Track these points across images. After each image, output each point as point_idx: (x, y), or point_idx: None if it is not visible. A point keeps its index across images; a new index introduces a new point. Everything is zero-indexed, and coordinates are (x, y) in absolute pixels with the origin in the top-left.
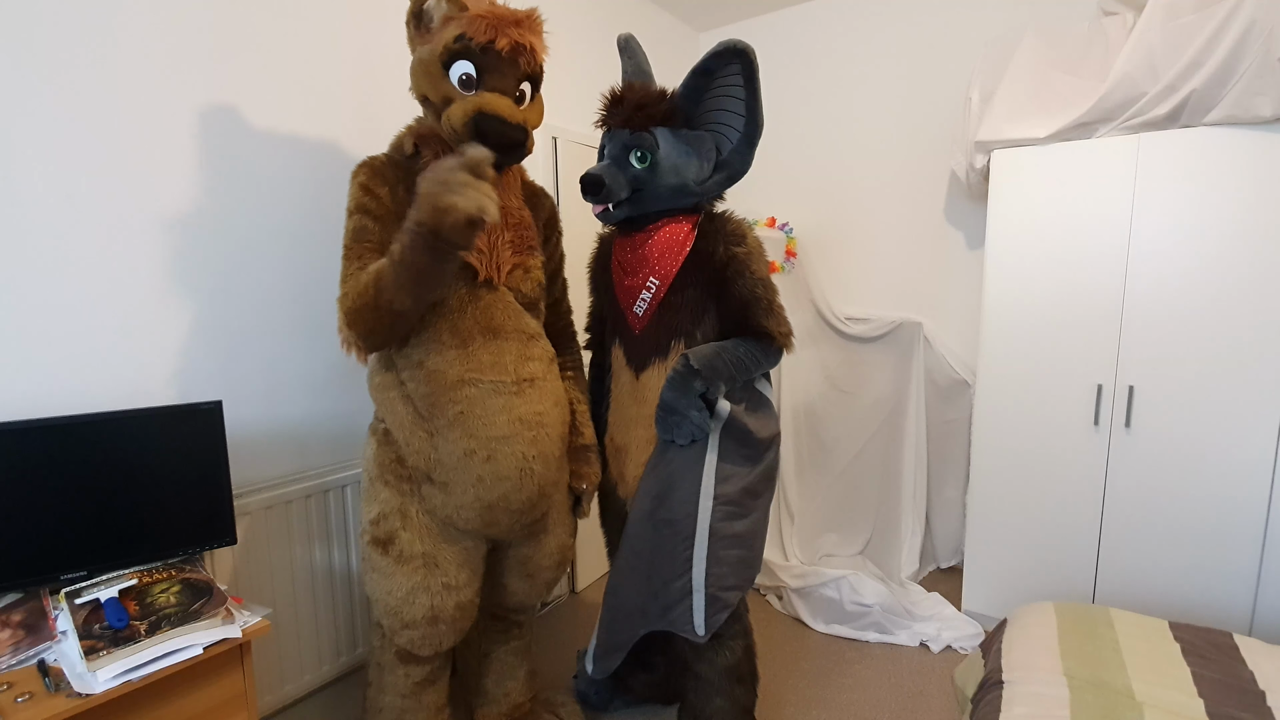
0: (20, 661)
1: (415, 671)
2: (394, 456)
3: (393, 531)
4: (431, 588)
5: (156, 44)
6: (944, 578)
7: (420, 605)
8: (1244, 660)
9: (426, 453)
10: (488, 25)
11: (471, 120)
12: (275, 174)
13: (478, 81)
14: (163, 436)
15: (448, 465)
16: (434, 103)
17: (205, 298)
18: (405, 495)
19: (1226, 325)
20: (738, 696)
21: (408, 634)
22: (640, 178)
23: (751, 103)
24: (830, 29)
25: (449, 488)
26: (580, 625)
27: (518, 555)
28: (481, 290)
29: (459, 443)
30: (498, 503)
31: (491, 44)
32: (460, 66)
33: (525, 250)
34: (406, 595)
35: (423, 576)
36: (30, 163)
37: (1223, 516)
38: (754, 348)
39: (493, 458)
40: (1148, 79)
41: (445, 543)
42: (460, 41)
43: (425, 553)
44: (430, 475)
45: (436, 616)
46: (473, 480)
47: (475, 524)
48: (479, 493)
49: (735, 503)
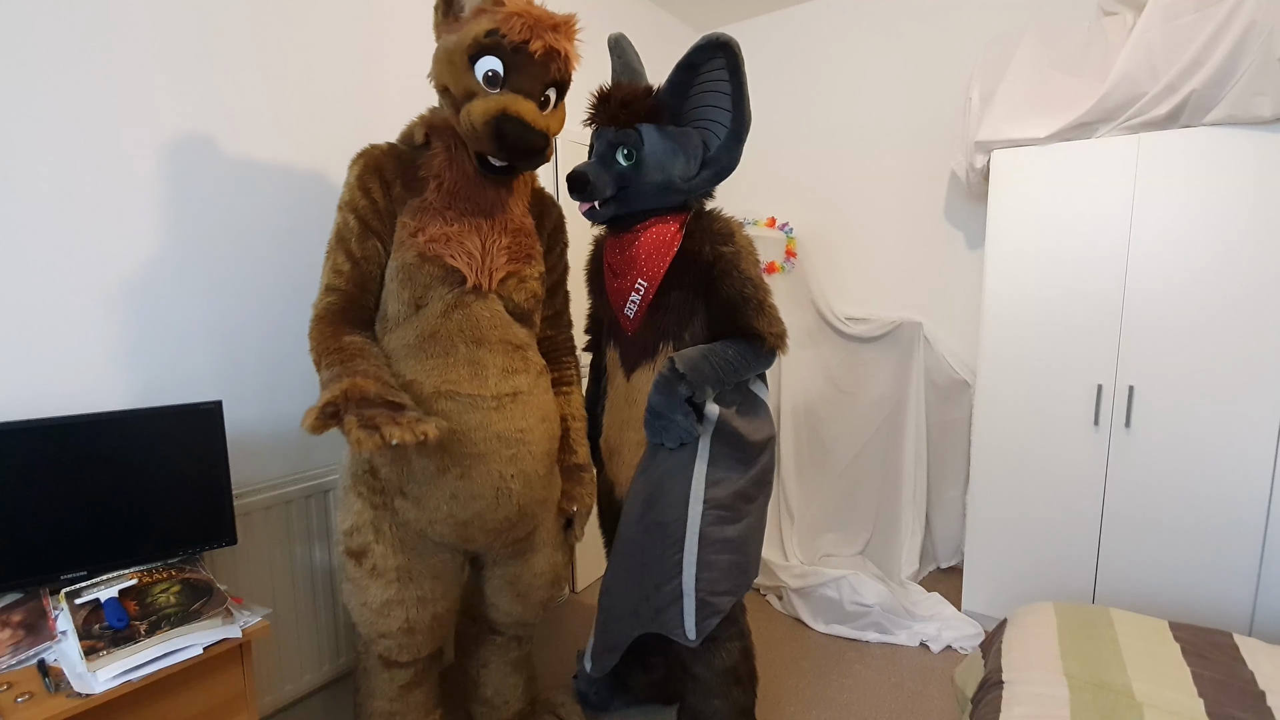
0: (20, 661)
1: (399, 675)
2: (367, 466)
3: (365, 545)
4: (406, 601)
5: (156, 45)
6: (944, 578)
7: (395, 618)
8: (1244, 660)
9: (399, 465)
10: (524, 25)
11: (493, 120)
12: (275, 174)
13: (503, 80)
14: (163, 436)
15: (420, 480)
16: (454, 95)
17: (205, 298)
18: (377, 509)
19: (1226, 325)
20: (736, 698)
21: (384, 643)
22: (626, 175)
23: (737, 97)
24: (830, 29)
25: (421, 503)
26: (580, 625)
27: (505, 574)
28: (469, 296)
29: (433, 459)
30: (472, 520)
31: (525, 44)
32: (488, 62)
33: (522, 259)
34: (381, 607)
35: (396, 590)
36: (31, 163)
37: (1223, 516)
38: (744, 349)
39: (466, 475)
40: (1148, 79)
41: (420, 556)
42: (492, 36)
43: (399, 566)
44: (403, 489)
45: (412, 628)
46: (446, 497)
47: (450, 539)
48: (452, 510)
49: (726, 507)
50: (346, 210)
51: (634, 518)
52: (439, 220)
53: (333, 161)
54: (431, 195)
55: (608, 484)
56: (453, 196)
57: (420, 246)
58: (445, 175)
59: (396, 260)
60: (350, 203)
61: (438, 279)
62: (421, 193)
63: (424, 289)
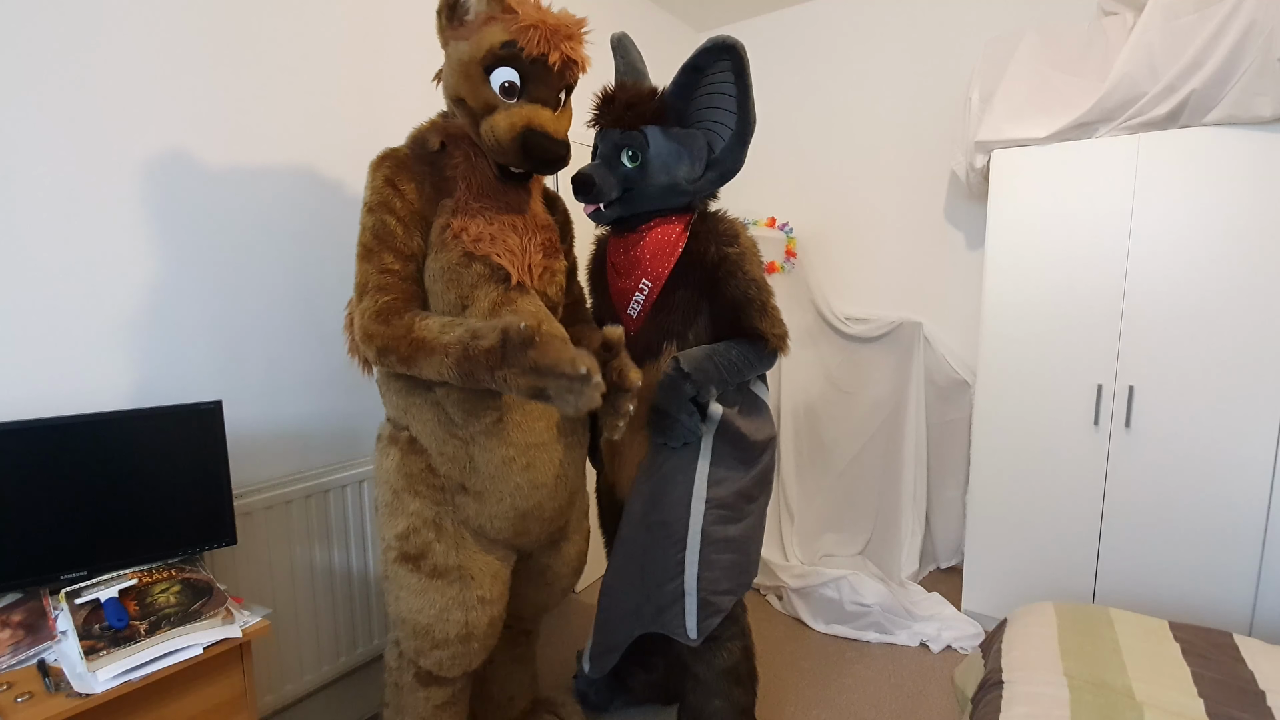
0: (20, 661)
1: (436, 694)
2: (424, 465)
3: (425, 545)
4: (467, 602)
5: (157, 45)
6: (944, 578)
7: (454, 622)
8: (1244, 660)
9: (461, 461)
10: (542, 38)
11: (520, 136)
12: (276, 175)
13: (520, 90)
14: (163, 436)
15: (484, 474)
16: (472, 108)
17: (205, 298)
18: (440, 505)
19: (1226, 325)
20: (736, 698)
21: (437, 654)
22: (631, 177)
23: (743, 99)
24: (830, 28)
25: (484, 497)
26: (580, 625)
27: (538, 565)
28: (514, 293)
29: (497, 450)
30: (532, 511)
31: (544, 57)
32: (504, 73)
33: (553, 253)
34: (440, 613)
35: (458, 590)
36: (32, 163)
37: (1223, 516)
38: (747, 350)
39: (531, 465)
40: (1148, 79)
41: (479, 553)
42: (509, 49)
43: (460, 565)
44: (464, 484)
45: (470, 633)
46: (510, 489)
47: (507, 533)
48: (515, 501)
49: (728, 506)
50: (381, 211)
51: (636, 517)
52: (480, 219)
53: (333, 163)
54: (463, 195)
55: (609, 483)
56: (484, 197)
57: (466, 246)
58: (471, 178)
59: (439, 261)
60: (384, 204)
61: (484, 278)
62: (451, 193)
63: (470, 288)
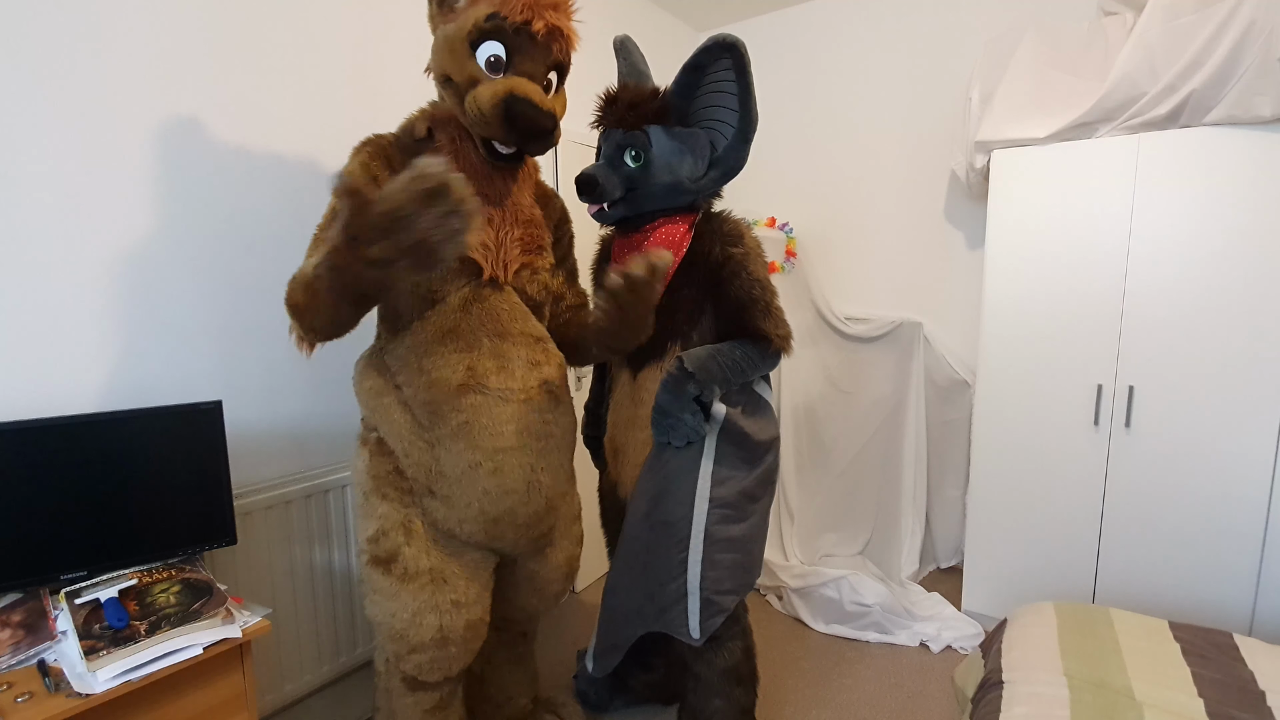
0: (20, 661)
1: (424, 699)
2: (391, 467)
3: (395, 548)
4: (440, 605)
5: (155, 43)
6: (944, 578)
7: (428, 626)
8: (1244, 660)
9: (427, 464)
10: (524, 5)
11: (502, 103)
12: (276, 173)
13: (507, 64)
14: (163, 436)
15: (450, 478)
16: (457, 84)
17: (205, 297)
18: (408, 507)
19: (1226, 325)
20: (737, 697)
21: (415, 659)
22: (634, 177)
23: (744, 97)
24: (830, 28)
25: (451, 501)
26: (580, 625)
27: (524, 571)
28: (486, 289)
29: (463, 455)
30: (503, 516)
31: (526, 25)
32: (490, 47)
33: (534, 250)
34: (413, 616)
35: (430, 594)
36: (31, 163)
37: (1223, 516)
38: (751, 350)
39: (499, 470)
40: (1148, 79)
41: (451, 556)
42: (492, 20)
43: (432, 568)
44: (431, 488)
45: (446, 638)
46: (477, 494)
47: (479, 537)
48: (483, 506)
49: (732, 506)
50: None
51: (639, 516)
52: None
53: (334, 160)
54: None
55: (612, 483)
56: None
57: None
58: (453, 163)
59: None
60: None
61: (453, 271)
62: None
63: (439, 281)
